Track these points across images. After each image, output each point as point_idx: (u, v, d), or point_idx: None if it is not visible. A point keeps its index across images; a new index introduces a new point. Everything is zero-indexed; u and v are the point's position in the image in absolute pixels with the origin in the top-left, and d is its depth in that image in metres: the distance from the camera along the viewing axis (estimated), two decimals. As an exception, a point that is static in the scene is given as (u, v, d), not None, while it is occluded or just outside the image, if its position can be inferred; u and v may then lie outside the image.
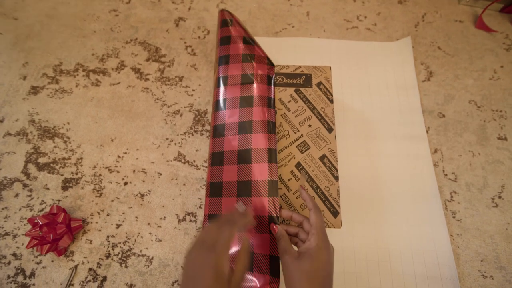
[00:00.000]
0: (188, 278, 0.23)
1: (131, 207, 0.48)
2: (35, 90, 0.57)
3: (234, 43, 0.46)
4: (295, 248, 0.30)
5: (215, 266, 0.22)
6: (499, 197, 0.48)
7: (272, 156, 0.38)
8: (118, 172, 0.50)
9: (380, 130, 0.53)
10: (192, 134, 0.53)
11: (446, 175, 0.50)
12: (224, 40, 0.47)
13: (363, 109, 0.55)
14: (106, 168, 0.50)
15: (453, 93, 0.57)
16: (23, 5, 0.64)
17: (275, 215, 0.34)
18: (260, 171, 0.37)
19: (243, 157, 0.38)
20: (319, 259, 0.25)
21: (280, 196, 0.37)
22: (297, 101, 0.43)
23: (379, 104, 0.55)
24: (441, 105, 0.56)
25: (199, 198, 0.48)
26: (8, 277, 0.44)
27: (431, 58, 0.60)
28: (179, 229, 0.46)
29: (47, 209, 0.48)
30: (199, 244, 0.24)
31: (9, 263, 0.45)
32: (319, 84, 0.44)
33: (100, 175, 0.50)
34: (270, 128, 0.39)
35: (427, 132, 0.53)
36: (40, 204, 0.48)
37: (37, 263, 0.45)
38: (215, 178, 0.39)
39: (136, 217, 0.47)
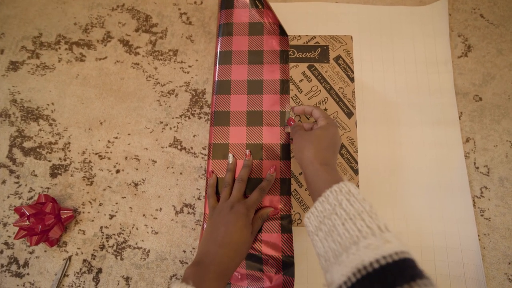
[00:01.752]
0: (219, 222, 0.28)
1: (125, 197, 0.44)
2: (14, 66, 0.51)
3: (238, 7, 0.38)
4: None
5: (247, 215, 0.28)
6: (537, 193, 0.43)
7: (285, 152, 0.33)
8: (109, 158, 0.46)
9: (404, 114, 0.46)
10: (189, 118, 0.47)
11: (477, 168, 0.44)
12: (227, 2, 0.39)
13: (386, 88, 0.47)
14: (96, 154, 0.46)
15: (494, 72, 0.48)
16: (-6, -35, 0.56)
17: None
18: (272, 169, 0.33)
19: (253, 153, 0.33)
20: (329, 130, 0.28)
21: (291, 192, 0.33)
22: (311, 79, 0.36)
23: (404, 82, 0.47)
24: (478, 86, 0.48)
25: (197, 188, 0.44)
26: (2, 266, 0.42)
27: (471, 29, 0.50)
28: (176, 221, 0.43)
29: (36, 197, 0.44)
30: (226, 202, 0.30)
31: (1, 252, 0.43)
32: (337, 59, 0.36)
33: (90, 161, 0.46)
34: (283, 119, 0.34)
35: (459, 118, 0.46)
36: (29, 191, 0.45)
37: (30, 253, 0.43)
38: (217, 173, 0.34)
39: (130, 207, 0.44)
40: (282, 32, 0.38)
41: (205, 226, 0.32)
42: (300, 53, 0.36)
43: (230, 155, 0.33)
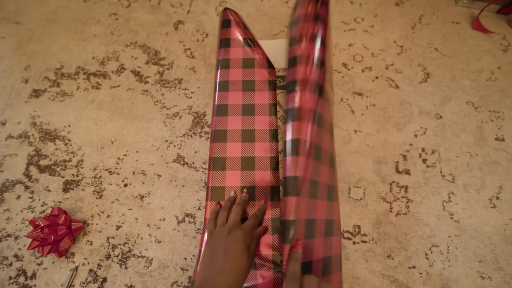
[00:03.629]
0: (217, 248, 0.28)
1: (131, 209, 0.48)
2: (36, 93, 0.57)
3: (234, 47, 0.47)
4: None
5: (244, 240, 0.29)
6: (497, 198, 0.49)
7: (274, 163, 0.39)
8: (118, 174, 0.51)
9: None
10: (191, 136, 0.53)
11: (443, 176, 0.50)
12: (224, 43, 0.47)
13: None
14: (106, 170, 0.51)
15: (450, 95, 0.57)
16: (25, 10, 0.66)
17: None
18: (264, 179, 0.38)
19: (246, 165, 0.39)
20: None
21: (280, 198, 0.38)
22: (294, 103, 0.43)
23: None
24: (438, 106, 0.56)
25: (198, 199, 0.49)
26: (10, 278, 0.44)
27: (428, 60, 0.60)
28: (178, 230, 0.47)
29: (48, 211, 0.48)
30: (224, 227, 0.30)
31: (10, 264, 0.45)
32: (316, 86, 0.44)
33: (100, 177, 0.51)
34: (272, 136, 0.40)
35: (424, 133, 0.53)
36: (42, 206, 0.49)
37: (38, 264, 0.45)
38: (216, 183, 0.39)
39: (136, 218, 0.48)
40: (270, 65, 0.46)
41: (203, 248, 0.33)
42: (285, 82, 0.44)
43: (232, 191, 0.37)
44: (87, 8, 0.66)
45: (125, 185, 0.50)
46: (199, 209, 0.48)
